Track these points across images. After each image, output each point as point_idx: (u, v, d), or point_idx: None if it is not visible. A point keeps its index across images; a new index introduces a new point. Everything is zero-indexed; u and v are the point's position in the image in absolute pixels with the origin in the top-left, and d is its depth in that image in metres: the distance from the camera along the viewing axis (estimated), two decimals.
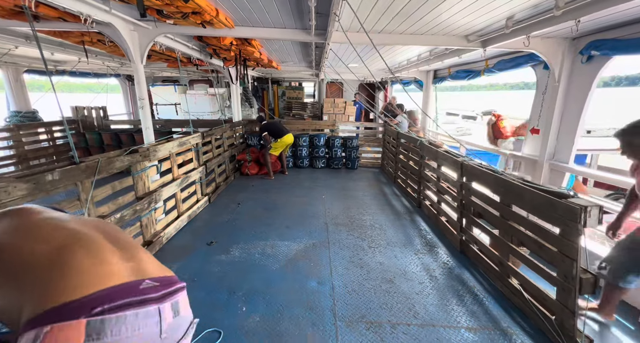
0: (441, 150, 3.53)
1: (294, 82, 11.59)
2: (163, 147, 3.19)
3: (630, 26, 2.28)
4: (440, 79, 5.94)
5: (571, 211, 1.71)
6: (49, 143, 6.05)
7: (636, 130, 1.67)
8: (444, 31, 2.98)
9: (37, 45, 1.83)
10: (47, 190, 1.84)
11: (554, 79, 2.92)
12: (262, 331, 2.03)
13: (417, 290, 2.51)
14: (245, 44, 3.78)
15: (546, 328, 1.95)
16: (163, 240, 3.16)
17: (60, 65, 5.92)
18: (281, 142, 5.55)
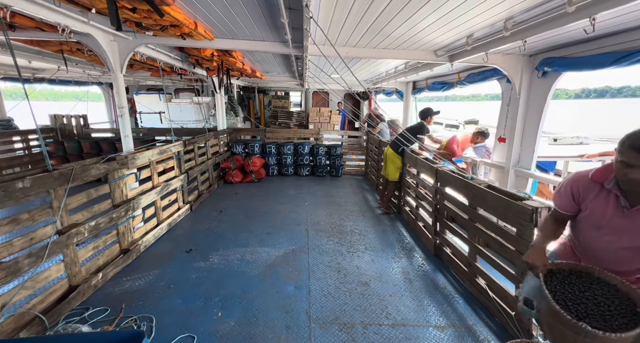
0: (420, 158, 3.68)
1: (280, 91, 11.74)
2: (142, 154, 3.20)
3: (575, 46, 2.52)
4: (419, 89, 6.20)
5: (524, 211, 1.85)
6: (25, 152, 5.89)
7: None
8: (415, 46, 3.18)
9: (11, 54, 1.86)
10: (17, 198, 1.83)
11: (515, 91, 3.15)
12: (236, 335, 2.05)
13: (391, 292, 2.59)
14: (226, 55, 3.87)
15: (507, 324, 2.06)
16: (141, 248, 3.13)
17: (39, 73, 5.83)
18: None
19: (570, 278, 1.28)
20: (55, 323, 2.06)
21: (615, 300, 1.16)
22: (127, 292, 2.49)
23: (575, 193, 1.34)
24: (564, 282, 1.26)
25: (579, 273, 1.29)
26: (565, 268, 1.32)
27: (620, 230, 1.23)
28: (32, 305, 1.98)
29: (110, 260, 2.73)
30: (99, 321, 2.13)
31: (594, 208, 1.29)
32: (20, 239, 1.90)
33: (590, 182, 1.29)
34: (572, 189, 1.34)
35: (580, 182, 1.32)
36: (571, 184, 1.35)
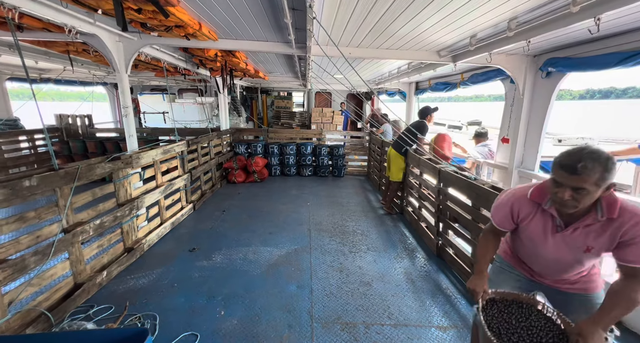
0: (423, 158, 3.67)
1: (282, 91, 11.77)
2: (146, 154, 3.23)
3: (579, 46, 2.51)
4: (422, 90, 6.19)
5: None
6: (30, 151, 5.96)
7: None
8: (418, 46, 3.18)
9: (20, 55, 1.89)
10: (24, 196, 1.86)
11: (519, 92, 3.14)
12: (239, 334, 2.06)
13: (393, 292, 2.59)
14: (230, 55, 3.90)
15: None
16: (144, 247, 3.16)
17: (45, 73, 5.90)
18: None
19: (511, 307, 1.34)
20: (60, 320, 2.08)
21: (550, 333, 1.22)
22: (131, 290, 2.51)
23: (515, 213, 1.33)
24: (503, 311, 1.33)
25: (521, 304, 1.34)
26: (509, 298, 1.36)
27: (557, 247, 1.26)
28: (38, 302, 2.01)
29: (114, 258, 2.76)
30: (103, 318, 2.15)
31: (532, 228, 1.30)
32: (26, 237, 1.93)
33: (528, 202, 1.29)
34: (512, 209, 1.33)
35: (519, 202, 1.31)
36: (510, 204, 1.34)
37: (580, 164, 1.03)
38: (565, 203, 1.11)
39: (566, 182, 1.07)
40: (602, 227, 1.14)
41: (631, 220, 1.09)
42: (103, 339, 1.63)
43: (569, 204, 1.10)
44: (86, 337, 1.66)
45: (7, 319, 1.77)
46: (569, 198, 1.09)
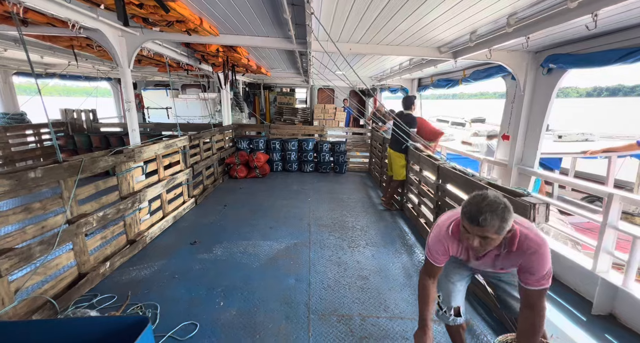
0: (423, 155, 3.69)
1: (285, 88, 11.78)
2: (149, 148, 3.28)
3: (580, 43, 2.49)
4: (424, 87, 6.17)
5: (522, 207, 1.86)
6: (37, 145, 6.06)
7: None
8: (418, 42, 3.17)
9: (24, 49, 1.93)
10: (30, 187, 1.92)
11: (519, 88, 3.13)
12: (237, 324, 2.11)
13: (390, 286, 2.62)
14: (231, 51, 3.92)
15: (504, 319, 2.08)
16: (147, 239, 3.22)
17: (50, 68, 5.97)
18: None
19: None
20: (65, 308, 2.15)
21: None
22: (133, 280, 2.58)
23: (447, 250, 1.48)
24: None
25: None
26: None
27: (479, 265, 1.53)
28: (43, 290, 2.07)
29: (117, 250, 2.82)
30: (106, 307, 2.22)
31: (461, 255, 1.51)
32: (32, 227, 1.99)
33: (450, 236, 1.45)
34: (444, 248, 1.48)
35: (446, 240, 1.46)
36: (443, 241, 1.47)
37: (481, 217, 1.18)
38: (474, 248, 1.29)
39: (472, 231, 1.24)
40: (506, 256, 1.37)
41: (528, 250, 1.30)
42: (106, 326, 1.69)
43: (478, 249, 1.29)
44: (89, 324, 1.72)
45: (14, 306, 1.84)
46: (477, 245, 1.27)
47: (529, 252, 1.30)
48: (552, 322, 2.21)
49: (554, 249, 2.71)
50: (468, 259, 1.52)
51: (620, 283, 2.17)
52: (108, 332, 1.68)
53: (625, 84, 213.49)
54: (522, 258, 1.32)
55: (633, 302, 2.10)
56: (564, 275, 2.67)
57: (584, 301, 2.44)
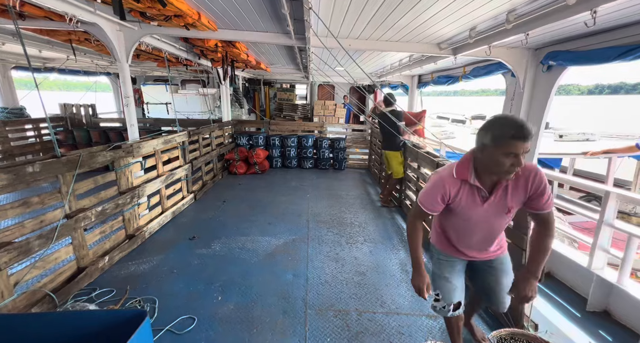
0: (422, 152, 3.68)
1: (285, 84, 11.73)
2: (147, 143, 3.28)
3: (580, 40, 2.48)
4: (424, 83, 6.15)
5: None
6: (36, 139, 6.06)
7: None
8: (418, 38, 3.16)
9: (21, 43, 1.92)
10: (28, 181, 1.92)
11: (519, 86, 3.12)
12: (235, 318, 2.13)
13: (387, 282, 2.64)
14: (230, 46, 3.90)
15: (500, 315, 2.10)
16: (145, 234, 3.24)
17: (49, 62, 5.94)
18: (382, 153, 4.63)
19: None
20: (64, 302, 2.17)
21: None
22: (132, 275, 2.60)
23: (445, 195, 1.40)
24: None
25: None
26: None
27: (487, 216, 1.42)
28: (43, 284, 2.09)
29: (116, 244, 2.84)
30: (105, 301, 2.24)
31: (463, 203, 1.40)
32: (31, 221, 2.00)
33: (456, 181, 1.38)
34: (444, 191, 1.39)
35: (448, 183, 1.38)
36: (442, 187, 1.39)
37: (526, 130, 1.16)
38: (513, 170, 1.22)
39: (520, 150, 1.18)
40: (514, 186, 1.34)
41: (531, 173, 1.30)
42: (104, 319, 1.71)
43: (515, 169, 1.22)
44: (88, 317, 1.74)
45: (13, 299, 1.85)
46: (520, 164, 1.21)
47: (532, 174, 1.29)
48: (547, 318, 2.24)
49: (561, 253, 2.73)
50: (475, 205, 1.39)
51: (615, 281, 2.19)
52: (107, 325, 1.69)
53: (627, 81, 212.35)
54: (528, 183, 1.30)
55: (627, 298, 2.12)
56: (560, 272, 2.69)
57: (579, 298, 2.46)
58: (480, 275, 1.67)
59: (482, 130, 1.28)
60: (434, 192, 1.41)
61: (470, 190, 1.38)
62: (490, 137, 1.22)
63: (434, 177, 1.46)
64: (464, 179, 1.36)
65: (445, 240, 1.63)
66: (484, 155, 1.28)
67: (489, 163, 1.27)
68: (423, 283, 1.49)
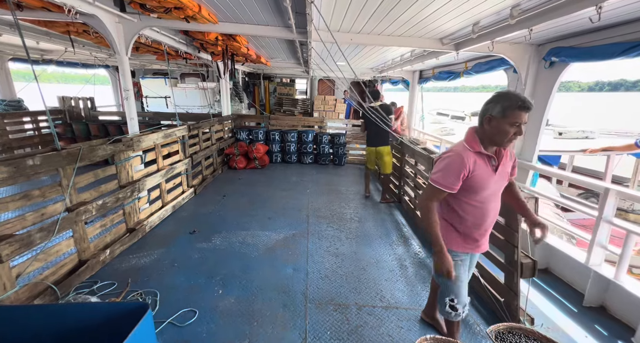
0: (418, 148, 3.69)
1: (285, 78, 11.64)
2: (147, 137, 3.27)
3: (584, 36, 2.46)
4: (425, 79, 6.12)
5: None
6: (35, 132, 6.02)
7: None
8: (420, 33, 3.13)
9: (19, 34, 1.89)
10: (28, 174, 1.92)
11: (521, 82, 3.11)
12: (236, 311, 2.15)
13: (386, 277, 2.67)
14: (230, 40, 3.85)
15: (497, 309, 2.13)
16: (146, 228, 3.25)
17: (47, 54, 5.87)
18: (368, 151, 4.44)
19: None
20: (66, 294, 2.18)
21: None
22: (133, 268, 2.61)
23: (465, 169, 1.44)
24: None
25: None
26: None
27: (497, 184, 1.53)
28: (44, 276, 2.10)
29: (117, 238, 2.85)
30: (106, 294, 2.26)
31: (480, 173, 1.47)
32: (32, 214, 2.00)
33: (470, 153, 1.46)
34: (465, 166, 1.44)
35: (465, 156, 1.45)
36: (462, 162, 1.44)
37: (527, 101, 1.33)
38: (514, 138, 1.40)
39: (523, 119, 1.35)
40: (509, 155, 1.54)
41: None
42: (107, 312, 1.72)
43: (515, 138, 1.40)
44: (91, 309, 1.75)
45: (15, 291, 1.87)
46: (521, 133, 1.39)
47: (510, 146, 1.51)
48: (544, 313, 2.27)
49: (548, 242, 2.75)
50: (489, 175, 1.48)
51: (612, 276, 2.22)
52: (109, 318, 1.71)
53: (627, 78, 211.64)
54: (510, 153, 1.55)
55: (624, 294, 2.15)
56: (558, 268, 2.72)
57: (576, 293, 2.49)
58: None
59: (491, 103, 1.41)
60: (453, 169, 1.45)
61: (482, 160, 1.47)
62: (500, 108, 1.36)
63: (448, 156, 1.49)
64: (477, 151, 1.46)
65: (459, 236, 1.61)
66: (491, 126, 1.41)
67: (495, 133, 1.41)
68: (451, 265, 1.50)
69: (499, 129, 1.39)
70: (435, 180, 1.50)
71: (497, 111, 1.37)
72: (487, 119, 1.42)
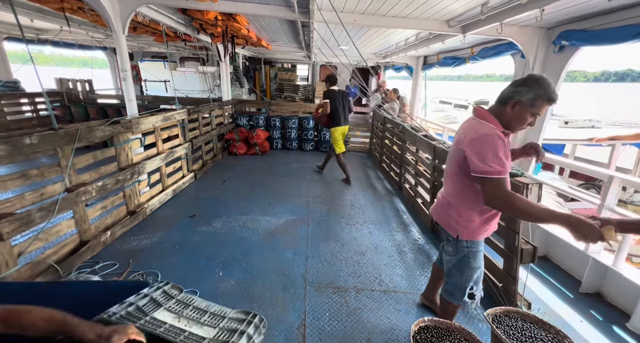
0: (420, 135, 3.64)
1: (287, 63, 11.42)
2: (146, 120, 3.22)
3: (597, 18, 2.37)
4: (430, 65, 5.98)
5: (516, 188, 1.86)
6: (33, 114, 5.95)
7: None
8: (426, 15, 3.01)
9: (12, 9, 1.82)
10: (26, 153, 1.89)
11: (528, 67, 3.02)
12: (236, 293, 2.18)
13: (385, 262, 2.69)
14: (230, 20, 3.73)
15: (494, 294, 2.15)
16: (147, 211, 3.25)
17: (42, 33, 5.72)
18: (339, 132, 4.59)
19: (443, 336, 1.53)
20: (68, 273, 2.21)
21: None
22: (134, 249, 2.63)
23: (507, 147, 1.36)
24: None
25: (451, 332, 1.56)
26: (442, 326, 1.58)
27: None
28: (46, 256, 2.12)
29: (117, 220, 2.86)
30: (108, 273, 2.28)
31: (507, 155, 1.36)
32: (31, 193, 1.99)
33: (500, 132, 1.36)
34: (503, 144, 1.31)
35: (500, 136, 1.32)
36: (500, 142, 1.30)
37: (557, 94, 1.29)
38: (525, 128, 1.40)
39: (545, 112, 1.36)
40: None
41: None
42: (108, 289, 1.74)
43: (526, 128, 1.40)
44: (93, 287, 1.77)
45: (17, 269, 1.88)
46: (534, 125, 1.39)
47: None
48: (541, 299, 2.29)
49: (546, 228, 2.76)
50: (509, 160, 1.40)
51: (610, 263, 2.23)
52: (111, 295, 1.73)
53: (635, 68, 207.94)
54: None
55: (621, 280, 2.17)
56: (556, 256, 2.74)
57: (574, 280, 2.51)
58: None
59: (524, 87, 1.30)
60: (501, 150, 1.28)
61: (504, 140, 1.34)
62: (532, 95, 1.28)
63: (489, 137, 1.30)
64: (502, 130, 1.37)
65: (481, 224, 1.50)
66: (514, 111, 1.34)
67: (514, 119, 1.35)
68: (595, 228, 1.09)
69: (520, 116, 1.32)
70: (489, 170, 1.27)
71: (528, 98, 1.28)
72: (512, 103, 1.32)
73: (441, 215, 1.63)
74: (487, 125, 1.36)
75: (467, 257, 1.56)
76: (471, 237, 1.52)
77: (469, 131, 1.40)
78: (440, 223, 1.64)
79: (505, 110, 1.35)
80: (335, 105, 4.42)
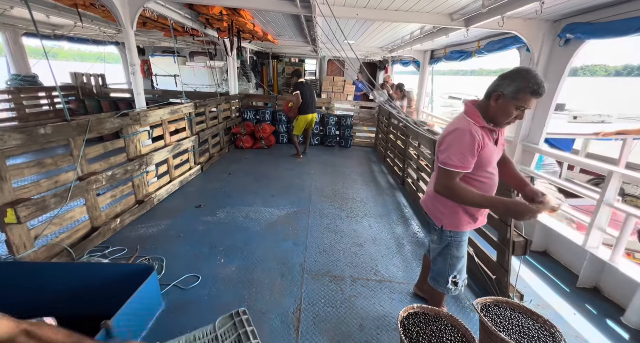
0: (422, 130, 3.64)
1: (294, 58, 11.42)
2: (154, 112, 3.34)
3: (602, 10, 2.31)
4: (437, 59, 5.91)
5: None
6: (50, 107, 6.19)
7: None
8: (428, 8, 2.99)
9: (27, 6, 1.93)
10: (41, 142, 2.02)
11: (533, 61, 2.98)
12: (236, 278, 2.28)
13: (383, 253, 2.74)
14: (235, 14, 3.79)
15: (488, 286, 2.19)
16: (154, 201, 3.39)
17: (58, 29, 5.91)
18: (303, 119, 5.32)
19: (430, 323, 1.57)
20: (80, 256, 2.35)
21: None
22: (142, 236, 2.77)
23: (478, 145, 1.37)
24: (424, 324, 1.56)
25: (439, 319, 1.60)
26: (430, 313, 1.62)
27: (497, 154, 1.50)
28: (60, 239, 2.26)
29: (126, 208, 3.00)
30: (117, 258, 2.42)
31: (488, 146, 1.42)
32: (46, 181, 2.13)
33: (477, 128, 1.39)
34: (475, 141, 1.35)
35: (474, 131, 1.37)
36: (470, 138, 1.35)
37: (544, 87, 1.26)
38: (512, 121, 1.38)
39: (531, 104, 1.30)
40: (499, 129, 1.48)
41: None
42: (117, 271, 1.87)
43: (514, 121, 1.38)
44: (103, 268, 1.91)
45: (34, 250, 2.03)
46: (522, 118, 1.37)
47: None
48: (536, 292, 2.31)
49: (546, 224, 2.75)
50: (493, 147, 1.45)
51: (607, 258, 2.22)
52: (119, 277, 1.86)
53: None
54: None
55: (617, 275, 2.16)
56: (555, 250, 2.73)
57: (571, 275, 2.52)
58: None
59: (506, 79, 1.32)
60: (466, 146, 1.34)
61: (486, 134, 1.41)
62: (514, 88, 1.28)
63: (456, 134, 1.38)
64: (482, 125, 1.39)
65: (466, 215, 1.55)
66: (497, 104, 1.35)
67: (498, 112, 1.35)
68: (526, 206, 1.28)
69: (503, 109, 1.32)
70: (448, 161, 1.37)
71: (510, 90, 1.29)
72: (495, 96, 1.34)
73: (428, 206, 1.68)
74: (464, 120, 1.42)
75: (449, 246, 1.61)
76: (454, 228, 1.57)
77: (449, 125, 1.49)
78: (428, 213, 1.69)
79: (490, 103, 1.37)
80: (306, 96, 5.10)
